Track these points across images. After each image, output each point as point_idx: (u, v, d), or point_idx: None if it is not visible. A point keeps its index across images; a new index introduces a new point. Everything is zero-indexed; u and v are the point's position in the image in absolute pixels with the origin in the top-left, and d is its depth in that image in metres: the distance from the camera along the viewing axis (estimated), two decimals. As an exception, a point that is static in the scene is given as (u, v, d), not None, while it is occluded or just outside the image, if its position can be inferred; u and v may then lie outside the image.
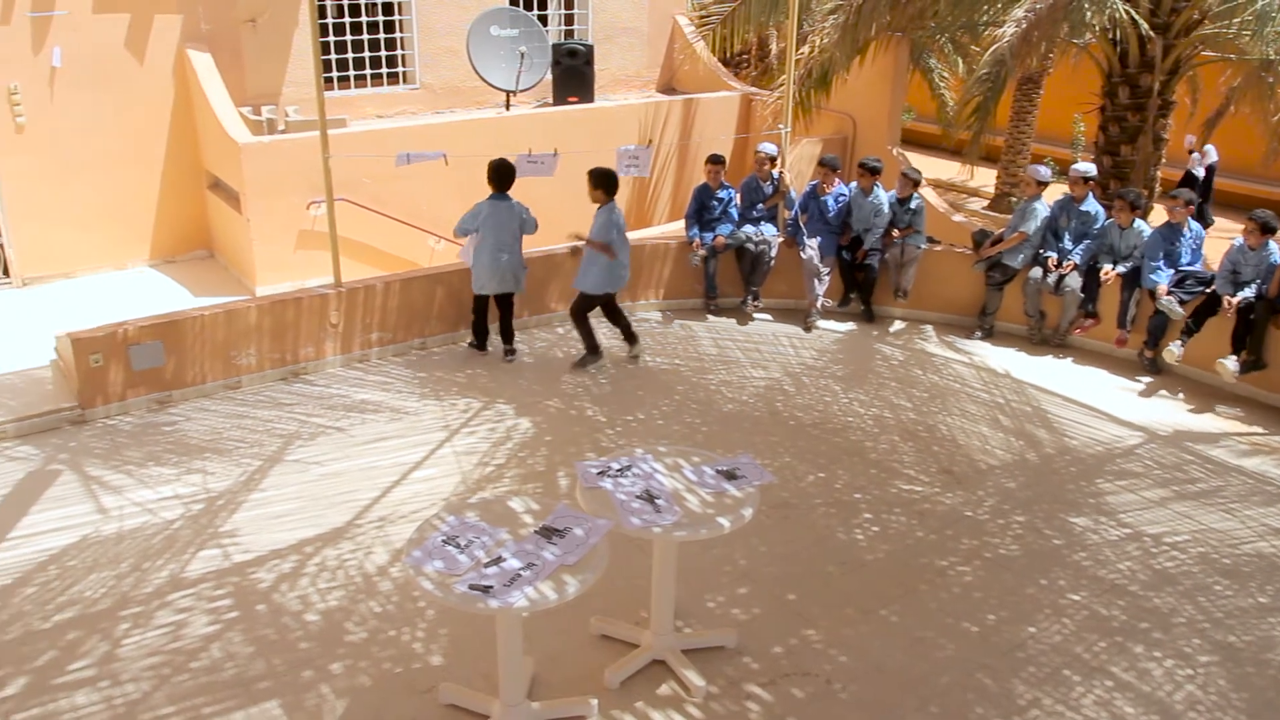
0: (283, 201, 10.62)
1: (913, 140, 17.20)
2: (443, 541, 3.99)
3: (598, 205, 7.76)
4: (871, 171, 9.01)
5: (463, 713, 4.39)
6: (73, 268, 11.64)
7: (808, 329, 9.01)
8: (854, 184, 9.24)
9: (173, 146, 11.81)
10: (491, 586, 3.72)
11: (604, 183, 7.73)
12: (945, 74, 14.69)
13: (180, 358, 7.34)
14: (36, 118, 11.05)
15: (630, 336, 8.22)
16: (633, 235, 10.32)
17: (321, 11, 12.35)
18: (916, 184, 9.18)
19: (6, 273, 11.47)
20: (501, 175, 7.84)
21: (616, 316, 8.21)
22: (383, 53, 13.02)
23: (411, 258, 11.24)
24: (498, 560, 3.88)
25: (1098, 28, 9.55)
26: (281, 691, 4.52)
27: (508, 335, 8.17)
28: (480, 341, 8.22)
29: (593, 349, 8.07)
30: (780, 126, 9.77)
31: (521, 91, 13.00)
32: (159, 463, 6.56)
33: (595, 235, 7.70)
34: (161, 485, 6.28)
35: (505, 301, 8.10)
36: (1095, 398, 7.76)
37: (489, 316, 8.17)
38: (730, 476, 4.64)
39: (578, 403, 7.43)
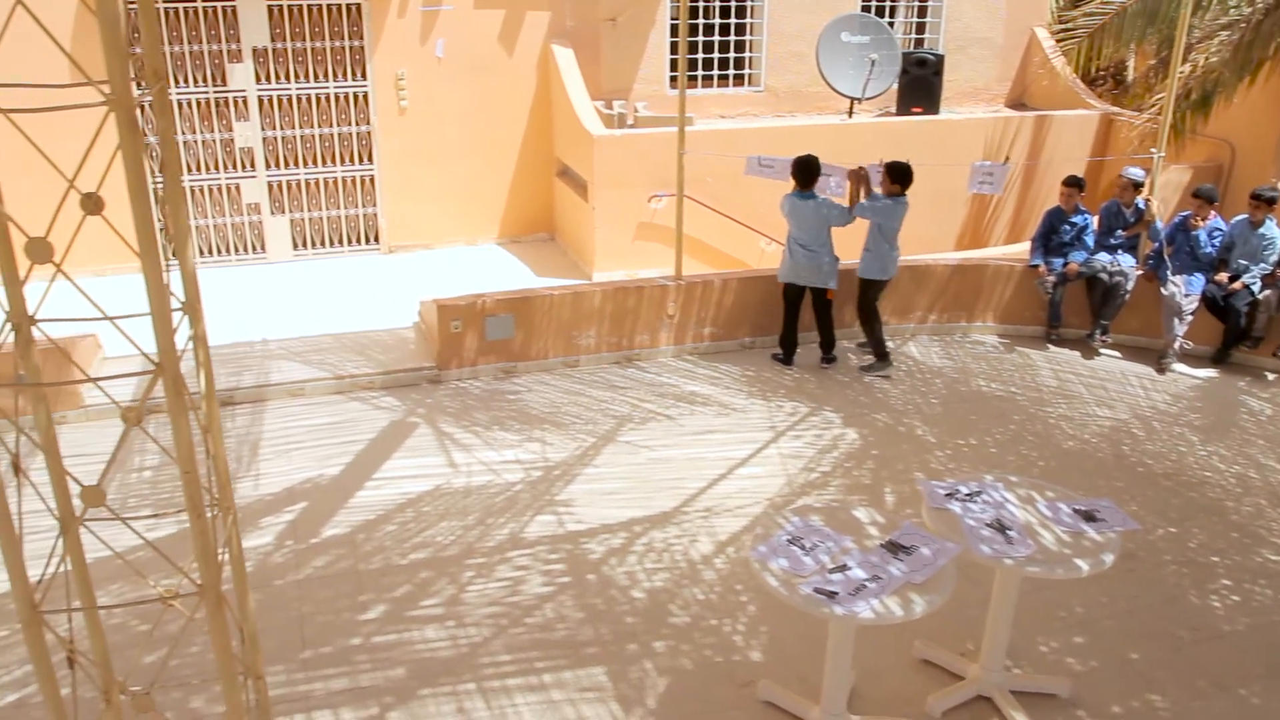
0: (627, 193, 11.07)
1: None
2: (788, 541, 3.98)
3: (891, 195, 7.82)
4: (1268, 202, 8.16)
5: (780, 712, 4.38)
6: (432, 240, 12.70)
7: (1161, 371, 8.30)
8: (1239, 217, 8.40)
9: (529, 135, 12.61)
10: (836, 593, 3.67)
11: (898, 176, 7.74)
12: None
13: (528, 332, 7.81)
14: (416, 102, 12.13)
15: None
16: (970, 254, 9.94)
17: (677, 13, 12.76)
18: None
19: (377, 240, 12.69)
20: (805, 172, 7.78)
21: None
22: (731, 55, 13.27)
23: (741, 257, 11.39)
24: (843, 568, 3.82)
25: None
26: (607, 660, 4.69)
27: (827, 343, 8.09)
28: (787, 354, 8.14)
29: (881, 354, 7.96)
30: (1152, 151, 9.05)
31: (867, 99, 12.83)
32: (503, 428, 7.01)
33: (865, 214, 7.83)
34: (505, 449, 6.70)
35: (820, 305, 8.02)
36: None
37: (799, 325, 8.11)
38: (1089, 518, 4.33)
39: (907, 420, 7.23)
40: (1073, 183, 8.74)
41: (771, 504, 6.02)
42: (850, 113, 12.89)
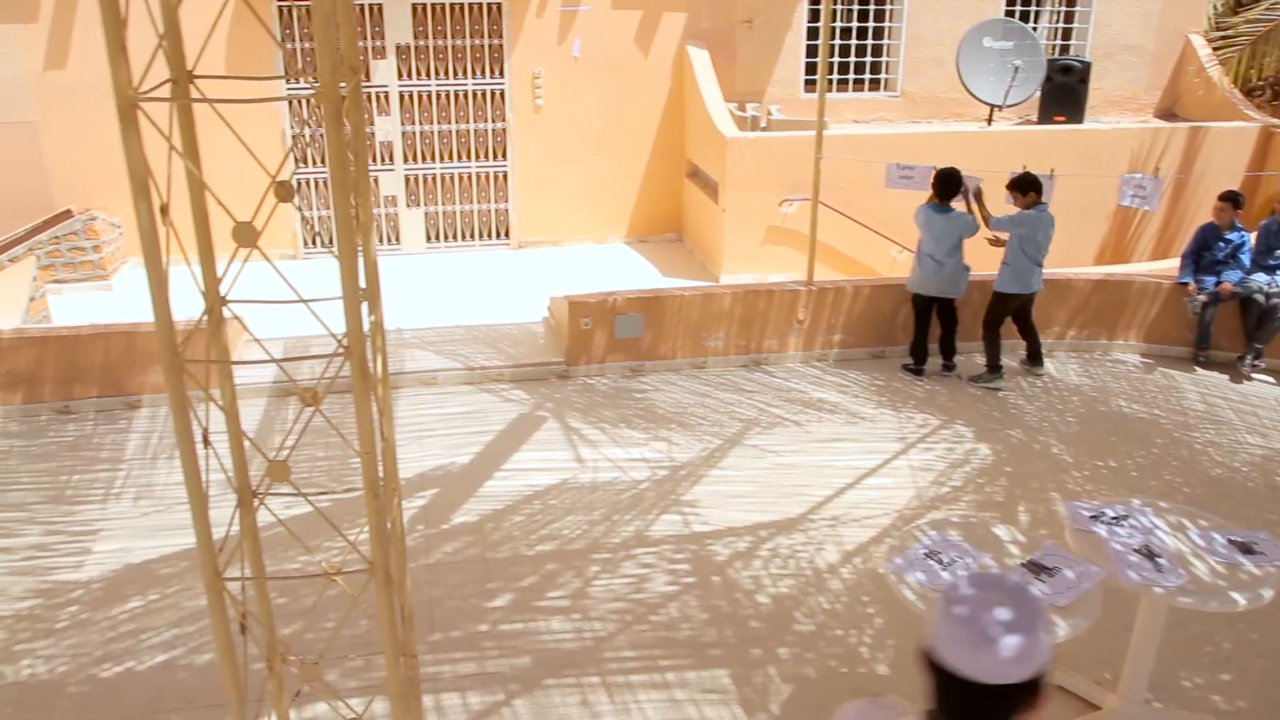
0: (757, 196, 11.03)
1: None
2: (925, 554, 3.91)
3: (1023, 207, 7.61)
4: None
5: None
6: (560, 236, 12.87)
7: (1319, 399, 7.87)
8: None
9: (660, 136, 12.67)
10: (976, 611, 3.58)
11: (1029, 186, 7.55)
12: None
13: (657, 332, 7.84)
14: (552, 101, 12.31)
15: (1035, 357, 7.96)
16: (1114, 269, 9.59)
17: (813, 15, 12.65)
18: None
19: (507, 235, 12.93)
20: (945, 185, 7.60)
21: (1027, 329, 7.95)
22: (868, 59, 13.09)
23: (871, 264, 11.23)
24: (982, 585, 3.72)
25: None
26: (731, 662, 4.67)
27: (948, 349, 7.93)
28: (918, 363, 7.99)
29: (994, 366, 7.78)
30: (1317, 166, 8.58)
31: (1007, 107, 12.50)
32: (630, 426, 7.05)
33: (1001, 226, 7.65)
34: (631, 447, 6.74)
35: (947, 313, 7.85)
36: None
37: (930, 334, 7.95)
38: (1246, 550, 4.13)
39: (1042, 438, 7.02)
40: (1229, 198, 8.34)
41: (900, 516, 5.91)
42: (990, 120, 12.58)
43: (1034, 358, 8.03)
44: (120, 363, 7.37)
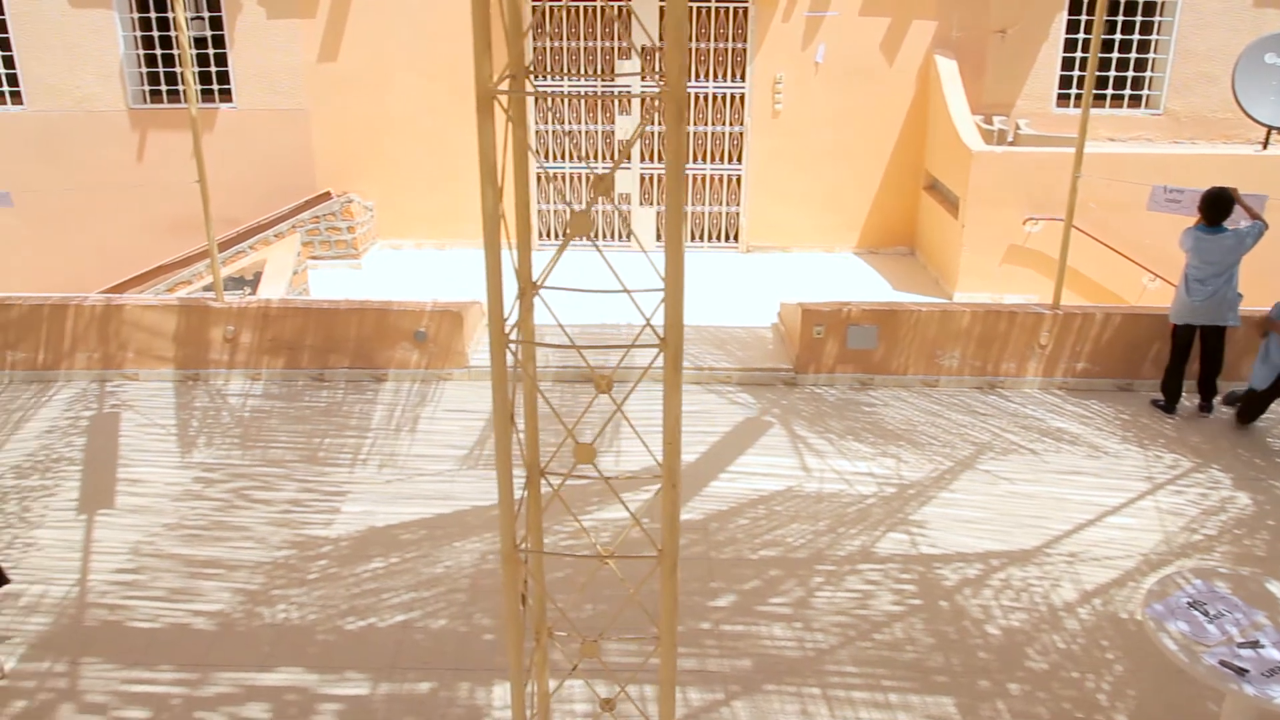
0: (1001, 213, 10.63)
1: None
2: (1188, 604, 3.67)
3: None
4: None
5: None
6: (789, 243, 12.83)
7: None
8: None
9: (899, 146, 12.42)
10: (1247, 670, 3.34)
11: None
12: None
13: (890, 345, 7.69)
14: (790, 106, 12.28)
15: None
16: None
17: (1071, 26, 12.08)
18: None
19: (736, 239, 12.99)
20: (1215, 208, 7.05)
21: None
22: (1129, 73, 12.38)
23: (1119, 292, 10.62)
24: (1255, 644, 3.47)
25: None
26: (957, 691, 4.54)
27: (1208, 388, 7.37)
28: (1169, 400, 7.45)
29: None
30: None
31: (1286, 130, 11.55)
32: (857, 438, 6.95)
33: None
34: (858, 460, 6.64)
35: (1212, 347, 7.29)
36: None
37: (1187, 371, 7.42)
38: None
39: (1313, 491, 6.45)
40: None
41: (1145, 560, 5.57)
42: (1265, 144, 11.64)
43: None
44: (372, 337, 7.87)
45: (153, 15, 12.49)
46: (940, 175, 11.82)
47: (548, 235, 13.05)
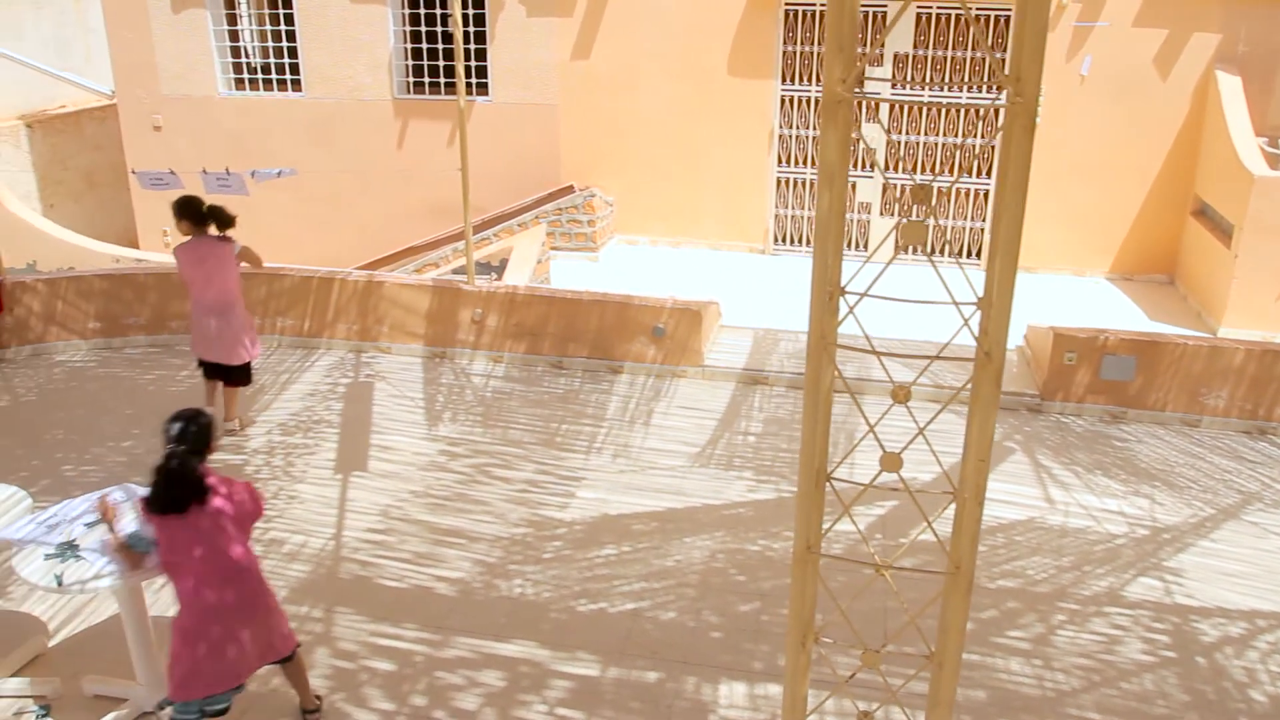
0: (1280, 244, 9.82)
1: None
2: None
3: None
4: None
5: None
6: (1034, 264, 12.24)
7: None
8: None
9: (1166, 167, 11.64)
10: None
11: None
12: None
13: (1148, 379, 7.23)
14: (1049, 119, 11.70)
15: None
16: None
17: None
18: None
19: (978, 255, 12.54)
20: None
21: None
22: None
23: None
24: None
25: None
26: (1214, 758, 4.22)
27: None
28: None
29: None
30: None
31: None
32: (1106, 474, 6.57)
33: None
34: (1107, 497, 6.28)
35: None
36: None
37: None
38: None
39: None
40: None
41: None
42: None
43: None
44: (611, 329, 8.06)
45: (422, 10, 13.25)
46: (1212, 200, 10.99)
47: (783, 240, 13.02)
